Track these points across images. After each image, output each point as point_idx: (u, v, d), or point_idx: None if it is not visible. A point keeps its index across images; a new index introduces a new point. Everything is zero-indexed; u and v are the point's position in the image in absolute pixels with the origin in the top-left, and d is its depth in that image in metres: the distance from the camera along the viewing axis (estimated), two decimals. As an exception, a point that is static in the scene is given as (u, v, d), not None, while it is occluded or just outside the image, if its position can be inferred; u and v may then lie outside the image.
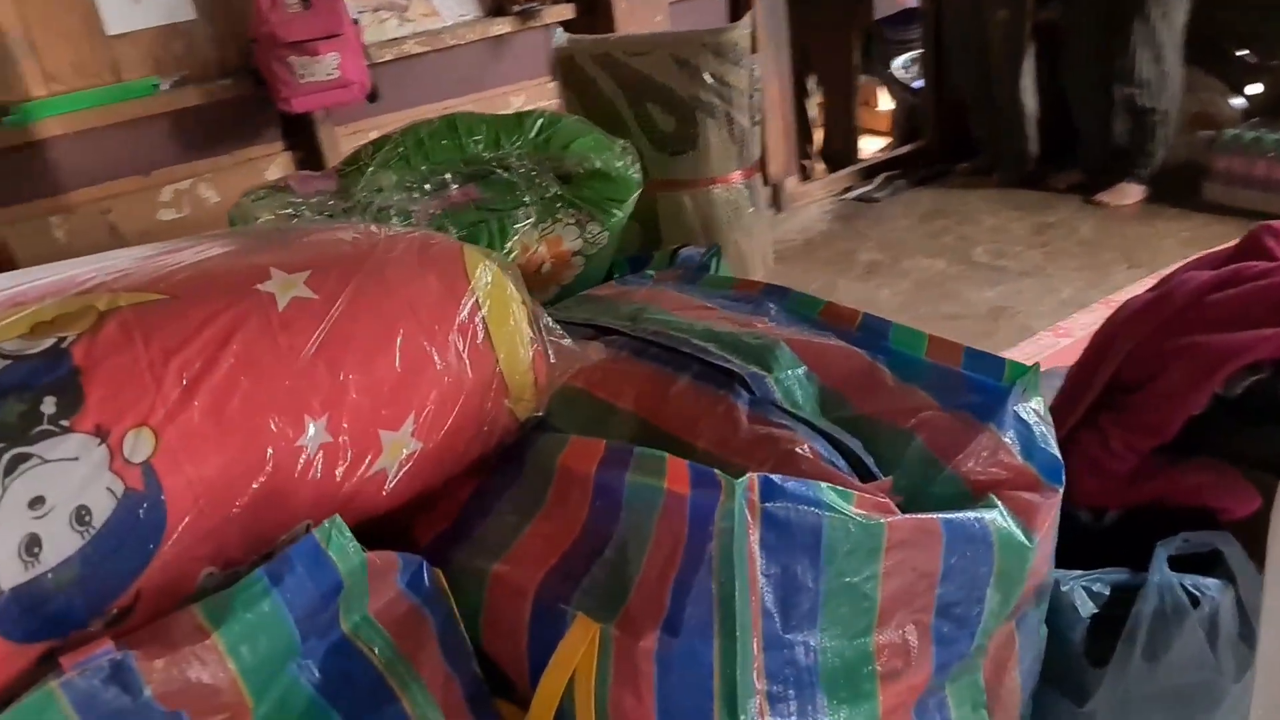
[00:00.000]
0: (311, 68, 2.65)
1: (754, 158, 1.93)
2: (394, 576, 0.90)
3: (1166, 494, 1.21)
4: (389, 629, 0.88)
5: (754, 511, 0.78)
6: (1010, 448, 0.91)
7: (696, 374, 1.04)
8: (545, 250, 1.54)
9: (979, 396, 0.95)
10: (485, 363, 1.04)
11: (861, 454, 0.92)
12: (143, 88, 2.69)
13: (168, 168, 2.82)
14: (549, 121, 1.67)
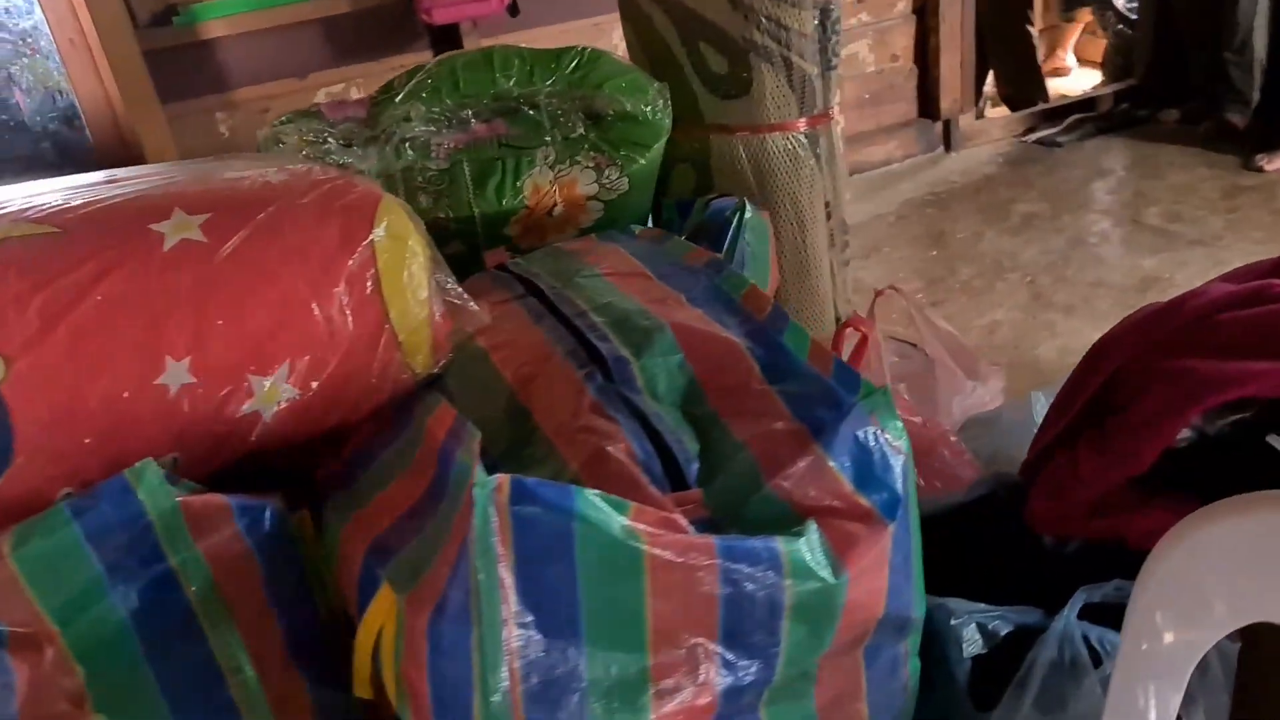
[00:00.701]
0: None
1: (825, 105, 1.80)
2: (227, 518, 0.93)
3: (1122, 533, 1.09)
4: (214, 568, 0.92)
5: (502, 513, 0.76)
6: (837, 473, 0.83)
7: (570, 350, 1.01)
8: (558, 193, 1.52)
9: (825, 413, 0.87)
10: (373, 316, 1.04)
11: (684, 461, 0.87)
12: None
13: (321, 71, 2.95)
14: (588, 58, 1.63)
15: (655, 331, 1.00)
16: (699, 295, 1.10)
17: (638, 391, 0.94)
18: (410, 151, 1.51)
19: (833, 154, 1.82)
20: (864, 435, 0.85)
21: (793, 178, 1.74)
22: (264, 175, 1.12)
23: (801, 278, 1.83)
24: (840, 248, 1.91)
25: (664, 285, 1.13)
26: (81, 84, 2.13)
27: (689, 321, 1.02)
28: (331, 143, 1.52)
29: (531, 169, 1.52)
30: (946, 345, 1.70)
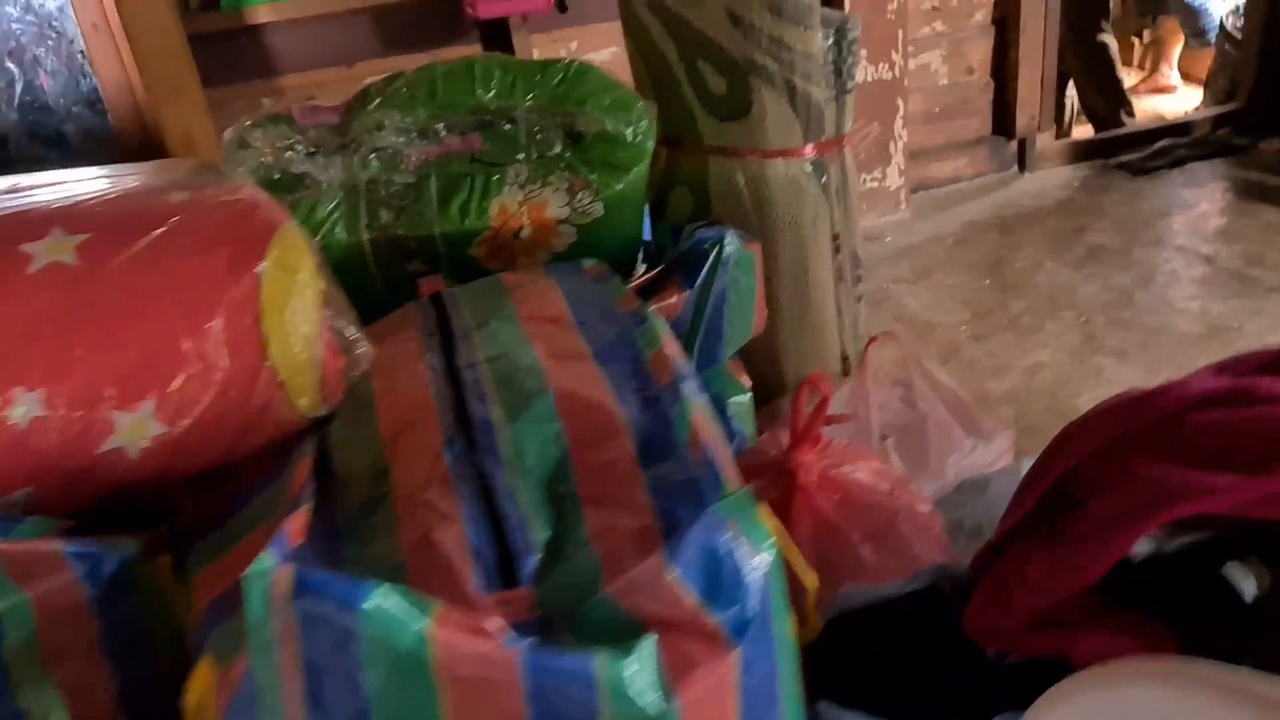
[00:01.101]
0: (494, -24, 2.62)
1: (837, 131, 1.68)
2: (57, 564, 0.88)
3: (1066, 651, 0.96)
4: (41, 618, 0.87)
5: (284, 607, 0.69)
6: (678, 584, 0.74)
7: (446, 407, 0.93)
8: (526, 215, 1.43)
9: (684, 511, 0.78)
10: (252, 352, 0.98)
11: (522, 553, 0.78)
12: (348, -17, 2.79)
13: (368, 61, 2.92)
14: (573, 73, 1.54)
15: (537, 396, 0.91)
16: (606, 351, 1.01)
17: (499, 463, 0.86)
18: (376, 162, 1.45)
19: (845, 183, 1.71)
20: (716, 544, 0.75)
21: (795, 207, 1.63)
22: (168, 192, 1.07)
23: (803, 314, 1.71)
24: (851, 282, 1.79)
25: (576, 335, 1.04)
26: (104, 68, 2.13)
27: (578, 385, 0.93)
28: (299, 148, 1.47)
29: (501, 188, 1.44)
30: (944, 399, 1.57)
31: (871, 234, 3.12)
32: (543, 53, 2.98)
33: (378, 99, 1.51)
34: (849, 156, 1.71)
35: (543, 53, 2.98)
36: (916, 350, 1.61)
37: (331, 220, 1.41)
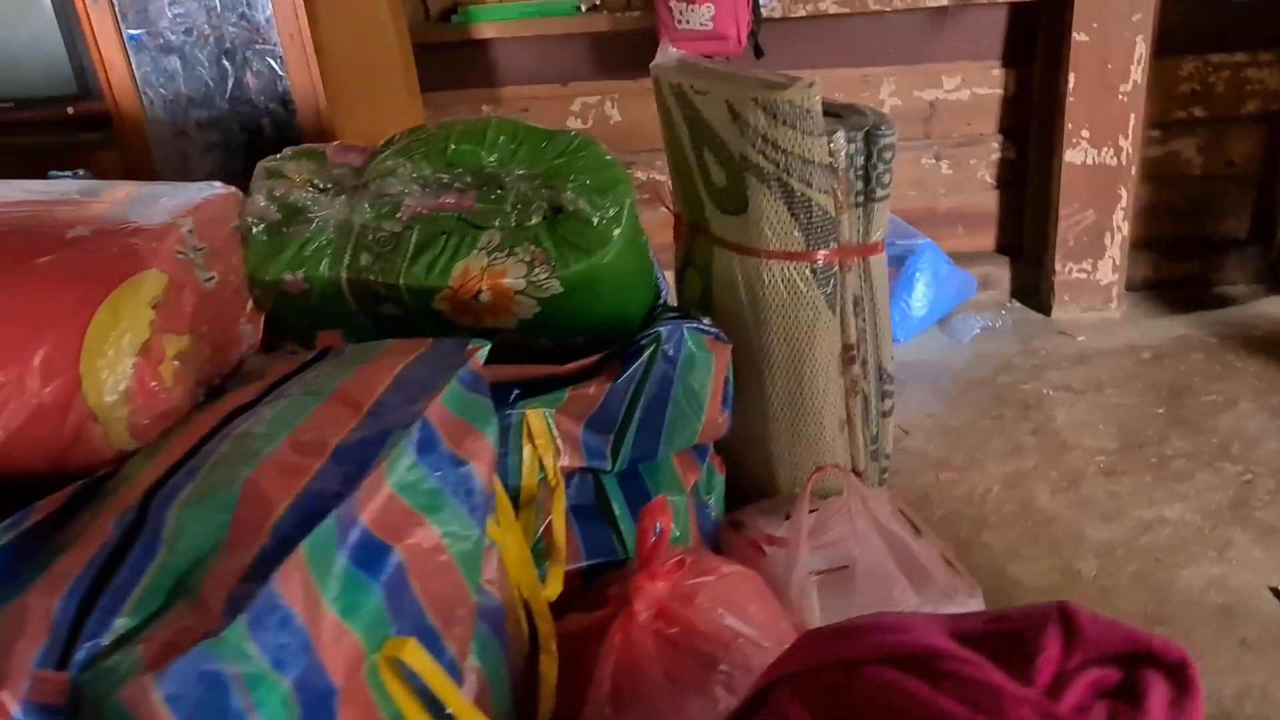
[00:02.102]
0: (688, 14, 2.62)
1: (858, 239, 1.52)
2: None
3: None
4: None
5: None
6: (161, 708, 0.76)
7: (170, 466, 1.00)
8: (485, 280, 1.46)
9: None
10: (67, 384, 1.10)
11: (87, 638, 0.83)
12: (565, 7, 2.89)
13: (580, 82, 3.03)
14: (574, 147, 1.55)
15: (224, 486, 0.95)
16: (355, 448, 1.02)
17: (157, 540, 0.91)
18: (368, 208, 1.53)
19: (869, 294, 1.58)
20: (201, 672, 0.76)
21: (789, 312, 1.54)
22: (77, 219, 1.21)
23: (797, 421, 1.62)
24: (875, 397, 1.66)
25: (349, 424, 1.06)
26: (296, 74, 2.38)
27: (275, 482, 0.96)
28: (317, 183, 1.58)
29: (470, 251, 1.47)
30: (895, 546, 1.42)
31: (1066, 328, 2.82)
32: (744, 93, 2.95)
33: (398, 147, 1.59)
34: (877, 265, 1.58)
35: (744, 93, 2.95)
36: (859, 488, 1.46)
37: (318, 255, 1.51)
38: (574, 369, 1.46)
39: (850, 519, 1.42)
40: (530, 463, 1.39)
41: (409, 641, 0.93)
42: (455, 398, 1.16)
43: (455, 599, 1.02)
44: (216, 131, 2.48)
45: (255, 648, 0.79)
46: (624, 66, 2.96)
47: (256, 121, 2.47)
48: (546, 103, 3.06)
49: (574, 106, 3.06)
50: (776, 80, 1.43)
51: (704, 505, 1.57)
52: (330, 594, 0.87)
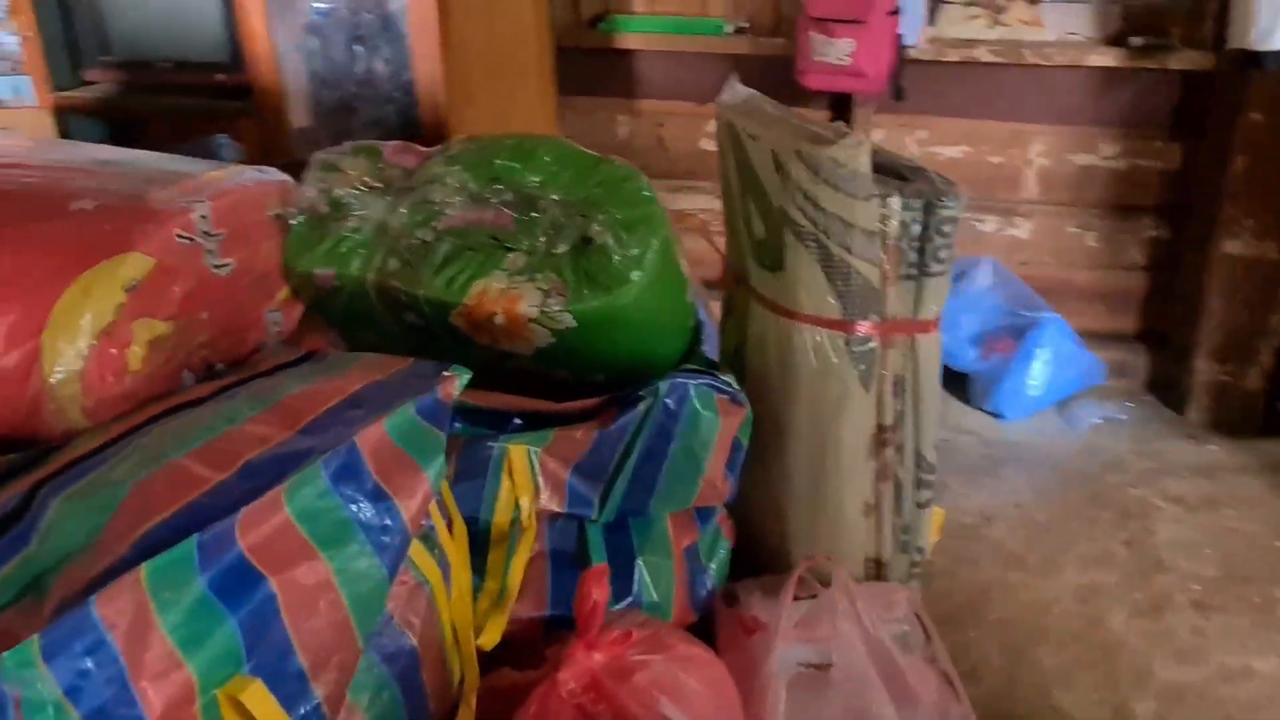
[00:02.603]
0: (825, 48, 2.49)
1: (905, 313, 1.36)
2: None
3: None
4: None
5: None
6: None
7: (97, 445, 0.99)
8: (501, 304, 1.40)
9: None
10: (29, 354, 1.10)
11: None
12: (710, 26, 2.81)
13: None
14: (618, 177, 1.47)
15: (113, 486, 0.93)
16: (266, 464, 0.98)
17: (31, 532, 0.90)
18: (405, 213, 1.50)
19: (913, 375, 1.44)
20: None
21: (817, 382, 1.41)
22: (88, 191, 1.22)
23: (817, 497, 1.50)
24: (911, 485, 1.51)
25: (277, 440, 1.02)
26: (420, 66, 2.39)
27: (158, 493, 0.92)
28: (368, 179, 1.55)
29: (491, 271, 1.42)
30: (876, 654, 1.27)
31: (1197, 433, 2.56)
32: (886, 134, 2.79)
33: (449, 155, 1.56)
34: (927, 345, 1.43)
35: (886, 134, 2.79)
36: (847, 584, 1.32)
37: (351, 253, 1.49)
38: (568, 409, 1.39)
39: (833, 618, 1.29)
40: (506, 500, 1.32)
41: (253, 683, 0.88)
42: (402, 426, 1.11)
43: (336, 641, 0.97)
44: (343, 113, 2.53)
45: (47, 671, 0.75)
46: (763, 92, 2.85)
47: (379, 108, 2.50)
48: (681, 120, 2.99)
49: (709, 127, 2.97)
50: (825, 134, 1.31)
51: (700, 571, 1.46)
52: (169, 621, 0.83)
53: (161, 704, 0.82)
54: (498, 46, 2.57)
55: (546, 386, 1.51)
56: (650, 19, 2.89)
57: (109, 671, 0.79)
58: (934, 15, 2.64)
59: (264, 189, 1.46)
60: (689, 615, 1.45)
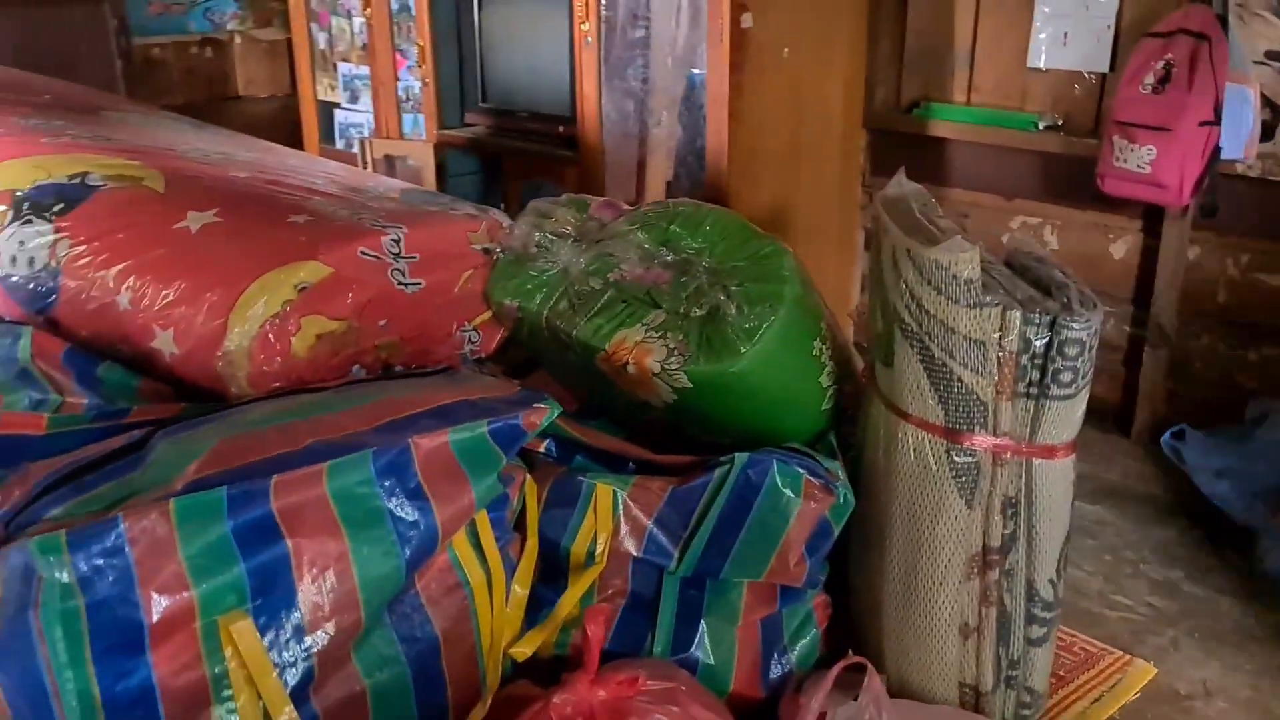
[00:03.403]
0: (1126, 154, 2.31)
1: (1020, 433, 1.22)
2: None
3: None
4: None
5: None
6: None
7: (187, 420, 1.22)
8: (633, 355, 1.50)
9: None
10: (218, 329, 1.37)
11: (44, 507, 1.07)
12: (1023, 121, 2.69)
13: (1025, 200, 2.80)
14: (764, 255, 1.53)
15: (204, 439, 1.14)
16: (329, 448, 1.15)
17: (140, 463, 1.13)
18: (584, 263, 1.63)
19: (1029, 499, 1.34)
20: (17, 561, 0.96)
21: (915, 485, 1.36)
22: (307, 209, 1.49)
23: (908, 608, 1.43)
24: (1021, 619, 1.41)
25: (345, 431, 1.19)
26: (711, 135, 2.53)
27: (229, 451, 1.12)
28: (566, 231, 1.71)
29: (634, 324, 1.52)
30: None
31: None
32: (1200, 252, 2.52)
33: (636, 216, 1.68)
34: (1048, 472, 1.31)
35: (1200, 252, 2.52)
36: (880, 694, 1.23)
37: (535, 290, 1.64)
38: (664, 461, 1.45)
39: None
40: (586, 533, 1.41)
41: (244, 620, 1.05)
42: (468, 441, 1.24)
43: (339, 607, 1.11)
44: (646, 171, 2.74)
45: (68, 559, 0.96)
46: (1070, 192, 2.69)
47: (673, 168, 2.69)
48: (987, 212, 2.89)
49: (1013, 223, 2.85)
50: (938, 234, 1.26)
51: (778, 648, 1.44)
52: (186, 550, 1.02)
53: (161, 612, 1.01)
54: (799, 127, 2.66)
55: (680, 442, 1.58)
56: (965, 109, 2.83)
57: (119, 574, 0.99)
58: (1275, 130, 2.35)
59: (470, 224, 1.67)
60: (755, 690, 1.44)
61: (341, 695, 1.14)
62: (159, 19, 3.56)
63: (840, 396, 1.58)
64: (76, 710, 0.97)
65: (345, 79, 3.68)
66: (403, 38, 3.40)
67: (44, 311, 1.50)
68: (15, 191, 1.54)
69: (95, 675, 0.97)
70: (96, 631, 0.98)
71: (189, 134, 1.87)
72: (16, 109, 1.77)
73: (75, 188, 1.53)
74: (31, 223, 1.51)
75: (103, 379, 1.44)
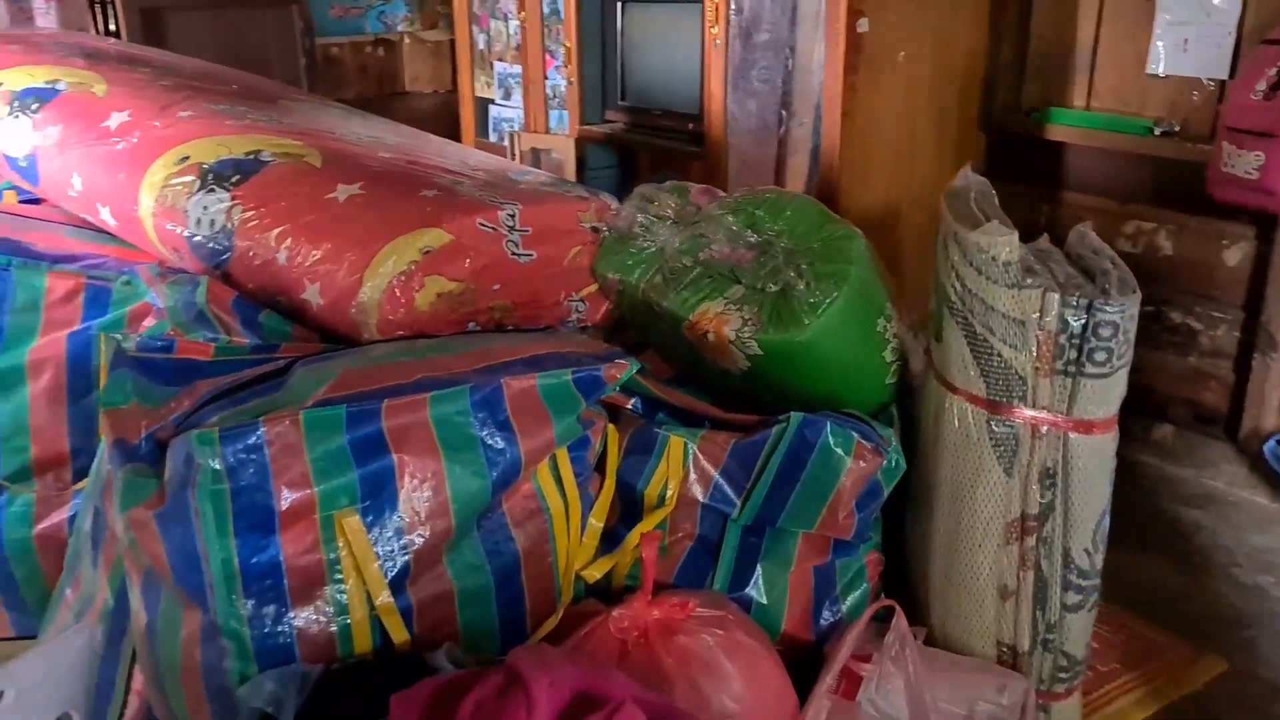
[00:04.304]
0: (1234, 159, 2.30)
1: (1057, 408, 1.28)
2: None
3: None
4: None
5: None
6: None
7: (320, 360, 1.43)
8: (713, 325, 1.64)
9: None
10: (356, 281, 1.58)
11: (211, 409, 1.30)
12: (1139, 127, 2.68)
13: (1139, 204, 2.79)
14: (837, 237, 1.63)
15: (331, 370, 1.35)
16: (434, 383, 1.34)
17: (281, 387, 1.35)
18: (679, 242, 1.78)
19: (1065, 470, 1.42)
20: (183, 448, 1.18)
21: (958, 453, 1.46)
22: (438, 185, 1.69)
23: (951, 566, 1.54)
24: (1058, 585, 1.49)
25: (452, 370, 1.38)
26: (826, 134, 2.64)
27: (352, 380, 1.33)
28: (666, 214, 1.87)
29: (716, 297, 1.66)
30: (914, 711, 1.29)
31: None
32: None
33: (728, 201, 1.82)
34: (1086, 446, 1.38)
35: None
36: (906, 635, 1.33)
37: (635, 265, 1.80)
38: (732, 418, 1.58)
39: (883, 661, 1.34)
40: (659, 479, 1.56)
41: (353, 517, 1.25)
42: (554, 386, 1.41)
43: (433, 514, 1.30)
44: (760, 169, 2.87)
45: (219, 450, 1.18)
46: (1184, 198, 2.67)
47: (786, 164, 2.80)
48: (1101, 217, 2.87)
49: (1127, 228, 2.84)
50: (983, 219, 1.36)
51: (830, 598, 1.56)
52: (312, 454, 1.23)
53: (288, 502, 1.21)
54: (913, 129, 2.73)
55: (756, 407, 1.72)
56: (1083, 114, 2.84)
57: (258, 467, 1.20)
58: (1398, 138, 2.29)
59: (580, 205, 1.84)
60: (806, 632, 1.57)
61: (433, 592, 1.32)
62: (339, 21, 3.90)
63: (904, 372, 1.68)
64: (220, 573, 1.19)
65: (500, 77, 3.94)
66: (552, 39, 3.63)
67: (220, 267, 1.75)
68: (202, 165, 1.80)
69: (236, 547, 1.19)
70: (238, 512, 1.19)
71: (349, 121, 2.11)
72: (210, 96, 2.04)
73: (250, 162, 1.78)
74: (213, 191, 1.76)
75: (263, 324, 1.68)
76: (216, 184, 1.77)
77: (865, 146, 2.65)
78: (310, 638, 1.24)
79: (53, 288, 1.86)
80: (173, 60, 2.36)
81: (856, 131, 2.62)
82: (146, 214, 1.84)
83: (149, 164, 1.85)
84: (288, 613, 1.22)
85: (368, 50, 3.98)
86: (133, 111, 1.97)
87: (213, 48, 3.56)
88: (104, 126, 1.95)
